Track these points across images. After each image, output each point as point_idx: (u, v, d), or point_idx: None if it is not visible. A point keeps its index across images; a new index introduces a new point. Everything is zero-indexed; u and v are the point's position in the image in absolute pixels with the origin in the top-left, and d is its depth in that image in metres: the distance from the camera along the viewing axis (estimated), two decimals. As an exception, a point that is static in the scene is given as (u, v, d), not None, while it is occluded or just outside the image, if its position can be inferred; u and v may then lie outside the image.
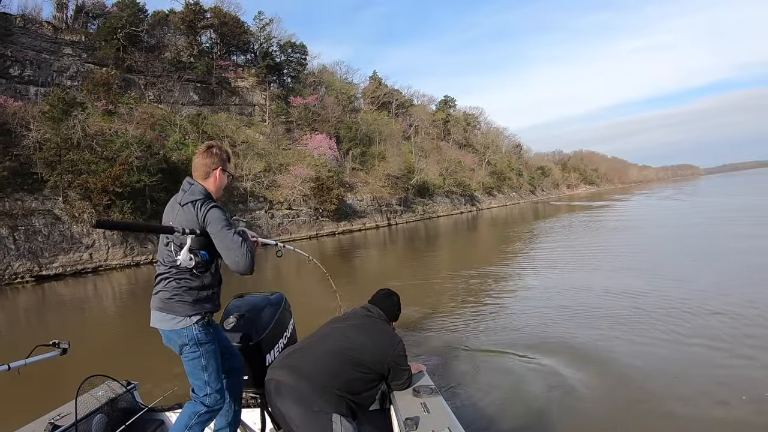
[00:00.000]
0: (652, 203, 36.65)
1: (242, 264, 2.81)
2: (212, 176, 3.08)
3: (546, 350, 6.15)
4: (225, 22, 49.60)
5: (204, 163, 3.06)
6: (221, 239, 2.84)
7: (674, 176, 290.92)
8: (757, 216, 19.76)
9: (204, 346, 2.89)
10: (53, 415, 3.15)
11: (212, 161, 3.07)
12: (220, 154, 3.11)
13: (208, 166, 3.06)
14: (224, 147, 3.21)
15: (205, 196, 2.97)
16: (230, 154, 3.24)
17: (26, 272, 26.34)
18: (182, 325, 2.83)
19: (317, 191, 43.38)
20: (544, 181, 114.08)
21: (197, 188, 2.99)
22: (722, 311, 6.93)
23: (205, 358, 2.89)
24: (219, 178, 3.10)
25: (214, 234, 2.84)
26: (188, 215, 2.88)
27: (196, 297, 2.86)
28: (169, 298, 2.84)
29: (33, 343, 3.04)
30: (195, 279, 2.88)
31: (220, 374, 2.99)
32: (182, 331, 2.83)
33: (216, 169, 3.07)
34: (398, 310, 3.56)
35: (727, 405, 4.35)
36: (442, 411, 2.82)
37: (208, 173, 3.07)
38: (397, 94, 75.10)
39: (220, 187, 3.13)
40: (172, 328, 2.84)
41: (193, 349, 2.86)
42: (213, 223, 2.85)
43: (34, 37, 37.18)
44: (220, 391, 2.98)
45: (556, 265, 13.03)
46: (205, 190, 3.00)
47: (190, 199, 2.92)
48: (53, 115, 31.14)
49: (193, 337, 2.84)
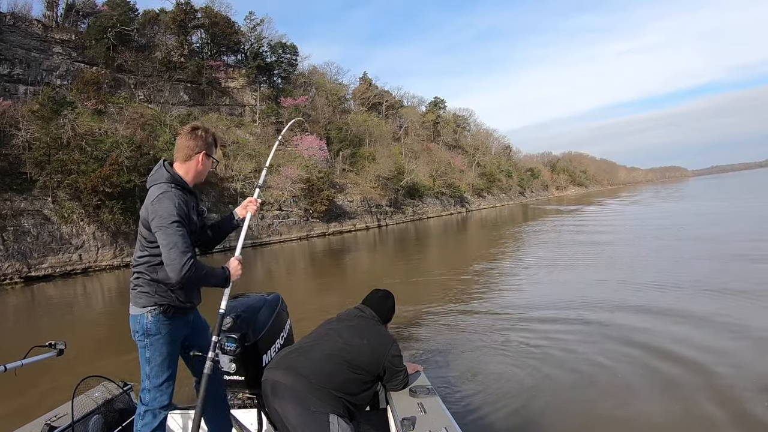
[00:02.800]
0: (619, 209, 36.70)
1: (169, 271, 2.60)
2: (194, 160, 2.88)
3: (545, 349, 6.23)
4: (216, 22, 49.41)
5: (187, 145, 2.87)
6: (159, 238, 2.63)
7: (662, 178, 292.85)
8: (705, 223, 19.32)
9: (151, 338, 2.76)
10: (50, 416, 3.15)
11: (196, 144, 2.87)
12: (206, 137, 2.91)
13: (191, 149, 2.87)
14: (211, 130, 3.01)
15: (168, 182, 2.76)
16: (216, 138, 3.04)
17: (15, 273, 26.15)
18: (135, 313, 2.78)
19: (307, 192, 43.33)
20: (534, 183, 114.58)
21: (161, 173, 2.79)
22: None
23: (150, 350, 2.78)
24: (201, 163, 2.91)
25: (154, 228, 2.65)
26: (147, 201, 2.73)
27: (155, 288, 2.76)
28: (133, 288, 2.81)
29: (23, 345, 3.05)
30: (153, 272, 2.76)
31: (166, 371, 2.83)
32: (135, 318, 2.78)
33: (199, 153, 2.88)
34: (392, 312, 3.57)
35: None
36: (439, 411, 2.84)
37: (189, 156, 2.87)
38: (387, 95, 75.13)
39: (201, 172, 2.94)
40: (131, 316, 2.80)
41: (141, 338, 2.78)
42: (157, 218, 2.64)
43: (23, 35, 36.85)
44: (161, 389, 2.81)
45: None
46: (172, 177, 2.79)
47: (151, 184, 2.79)
48: (43, 115, 30.93)
49: (143, 326, 2.75)
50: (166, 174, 2.78)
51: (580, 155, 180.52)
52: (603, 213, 34.10)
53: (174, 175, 2.81)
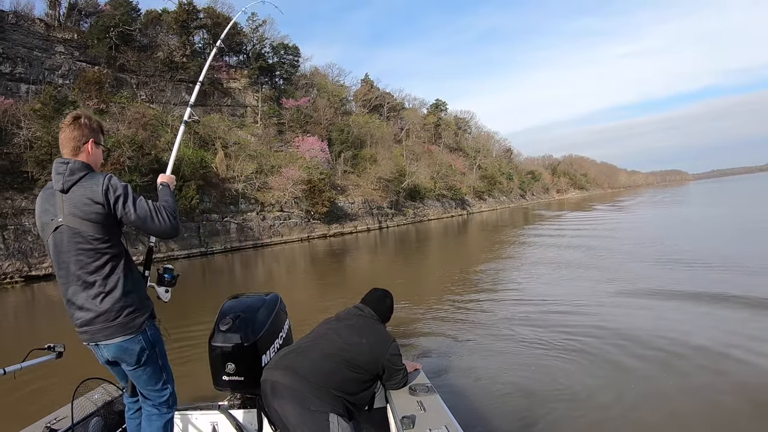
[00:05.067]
0: (598, 215, 36.67)
1: (167, 230, 2.69)
2: (83, 151, 2.70)
3: (543, 350, 6.25)
4: (218, 23, 49.34)
5: (72, 136, 2.68)
6: (137, 212, 2.59)
7: (662, 181, 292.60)
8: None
9: (158, 344, 2.82)
10: (50, 419, 3.16)
11: (81, 133, 2.69)
12: (90, 124, 2.74)
13: (77, 140, 2.68)
14: (93, 117, 2.85)
15: (90, 170, 2.66)
16: (101, 124, 2.88)
17: (15, 272, 26.13)
18: (128, 338, 2.70)
19: (309, 193, 43.27)
20: (535, 186, 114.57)
21: (77, 165, 2.62)
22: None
23: (160, 357, 2.85)
24: (92, 152, 2.73)
25: (128, 210, 2.57)
26: (81, 198, 2.56)
27: (143, 298, 2.81)
28: (115, 317, 2.67)
29: (24, 346, 3.05)
30: (131, 275, 2.77)
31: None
32: (130, 343, 2.72)
33: (87, 142, 2.70)
34: (390, 311, 3.58)
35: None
36: (439, 409, 2.85)
37: (78, 148, 2.69)
38: (389, 97, 75.16)
39: (95, 162, 2.75)
40: (117, 346, 2.71)
41: (148, 355, 2.78)
42: (123, 195, 2.58)
43: (26, 34, 36.83)
44: (174, 385, 2.93)
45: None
46: (85, 165, 2.65)
47: (76, 178, 2.59)
48: (44, 114, 30.89)
49: (145, 342, 2.75)
50: (84, 165, 2.65)
51: (580, 158, 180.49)
52: (575, 222, 33.22)
53: (83, 163, 2.66)
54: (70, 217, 2.56)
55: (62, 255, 2.59)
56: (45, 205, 2.66)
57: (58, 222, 2.58)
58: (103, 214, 2.56)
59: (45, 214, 2.64)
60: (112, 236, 2.64)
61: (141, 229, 2.68)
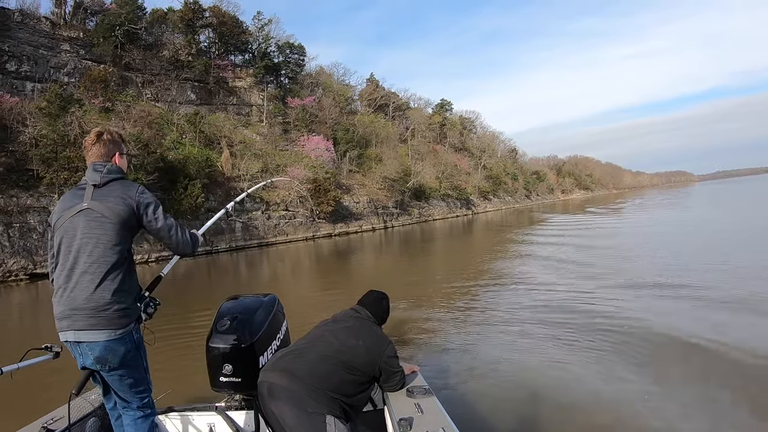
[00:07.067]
0: (589, 219, 36.09)
1: (185, 249, 2.96)
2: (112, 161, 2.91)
3: (543, 349, 6.24)
4: (224, 22, 49.51)
5: (99, 153, 2.86)
6: (164, 221, 2.83)
7: (667, 182, 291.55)
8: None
9: (141, 347, 2.85)
10: (47, 419, 3.14)
11: (107, 150, 2.89)
12: (113, 138, 2.93)
13: (105, 156, 2.87)
14: (113, 129, 3.04)
15: (125, 176, 2.89)
16: (122, 134, 3.08)
17: (20, 270, 26.25)
18: (114, 338, 2.70)
19: (314, 193, 43.30)
20: (539, 186, 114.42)
21: (114, 167, 2.85)
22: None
23: (144, 359, 2.88)
24: (119, 163, 2.92)
25: (157, 217, 2.80)
26: (115, 192, 2.75)
27: (134, 300, 2.83)
28: (105, 309, 2.67)
29: (26, 344, 3.04)
30: (131, 275, 2.83)
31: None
32: (117, 344, 2.71)
33: (113, 156, 2.90)
34: (387, 313, 3.58)
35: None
36: (436, 411, 2.83)
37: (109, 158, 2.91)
38: (394, 96, 75.14)
39: (123, 171, 2.96)
40: (102, 344, 2.69)
41: (132, 356, 2.79)
42: (154, 203, 2.81)
43: (31, 32, 36.98)
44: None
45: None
46: (121, 170, 2.90)
47: (113, 177, 2.81)
48: (50, 112, 31.02)
49: (131, 344, 2.76)
50: (116, 168, 2.87)
51: (585, 159, 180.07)
52: (560, 226, 32.42)
53: (119, 167, 2.91)
54: (97, 203, 2.69)
55: (74, 238, 2.67)
56: (71, 199, 2.77)
57: (83, 206, 2.70)
58: (128, 214, 2.72)
59: (67, 204, 2.76)
60: (126, 236, 2.75)
61: (161, 238, 2.89)
